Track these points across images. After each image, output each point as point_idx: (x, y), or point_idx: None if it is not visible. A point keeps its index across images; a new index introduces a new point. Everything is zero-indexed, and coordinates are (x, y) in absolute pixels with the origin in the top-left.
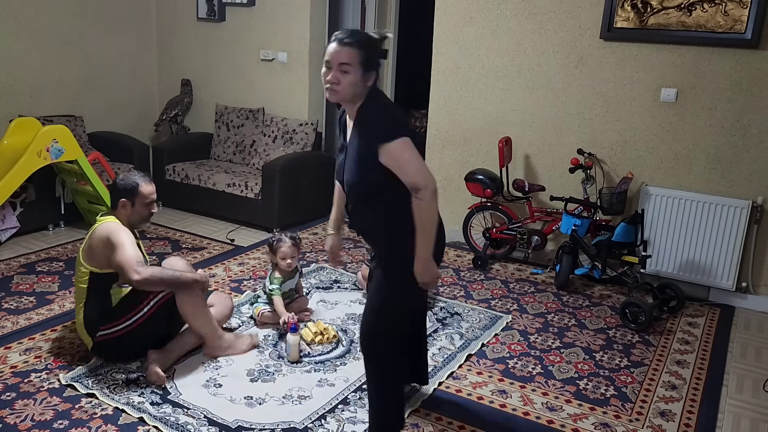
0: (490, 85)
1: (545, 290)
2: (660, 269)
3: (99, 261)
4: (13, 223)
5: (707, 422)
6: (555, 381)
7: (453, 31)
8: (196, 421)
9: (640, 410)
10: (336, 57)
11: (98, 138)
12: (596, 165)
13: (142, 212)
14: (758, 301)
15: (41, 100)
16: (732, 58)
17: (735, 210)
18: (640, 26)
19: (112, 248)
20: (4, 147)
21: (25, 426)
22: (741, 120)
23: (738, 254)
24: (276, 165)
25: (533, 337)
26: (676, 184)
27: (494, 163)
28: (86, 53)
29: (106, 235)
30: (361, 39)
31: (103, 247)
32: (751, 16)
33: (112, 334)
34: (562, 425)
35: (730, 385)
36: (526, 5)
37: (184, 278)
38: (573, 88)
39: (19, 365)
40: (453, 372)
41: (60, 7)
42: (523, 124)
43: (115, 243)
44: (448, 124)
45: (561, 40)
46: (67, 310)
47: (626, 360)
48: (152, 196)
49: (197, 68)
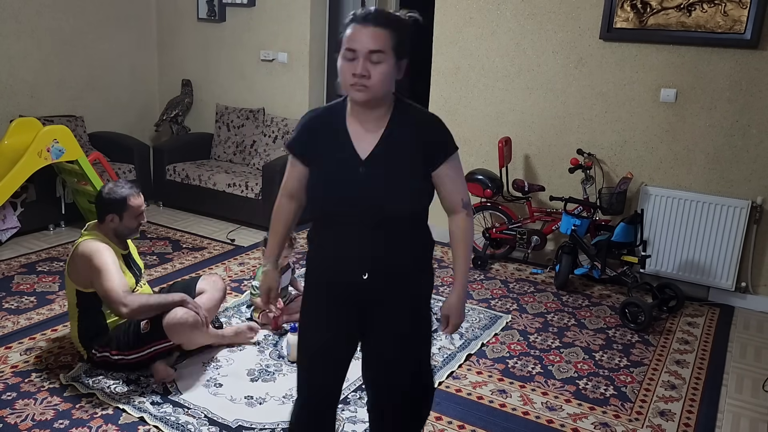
0: (490, 85)
1: (545, 290)
2: (659, 269)
3: (82, 281)
4: (14, 223)
5: (707, 422)
6: (555, 381)
7: (453, 32)
8: (196, 420)
9: (640, 410)
10: (364, 42)
11: (99, 138)
12: (596, 165)
13: (130, 225)
14: (757, 301)
15: (42, 100)
16: (731, 58)
17: (734, 210)
18: (640, 26)
19: (96, 273)
20: (4, 147)
21: (25, 426)
22: (740, 120)
23: (737, 254)
24: (276, 165)
25: (533, 336)
26: (676, 184)
27: (494, 163)
28: (87, 53)
29: (88, 255)
30: (391, 18)
31: (85, 268)
32: (751, 16)
33: (108, 359)
34: (561, 425)
35: (729, 384)
36: (526, 6)
37: (171, 300)
38: (573, 88)
39: (19, 365)
40: (453, 372)
41: (60, 7)
42: (522, 125)
43: (99, 267)
44: (448, 124)
45: (561, 40)
46: (68, 310)
47: (626, 360)
48: (141, 208)
49: (198, 68)
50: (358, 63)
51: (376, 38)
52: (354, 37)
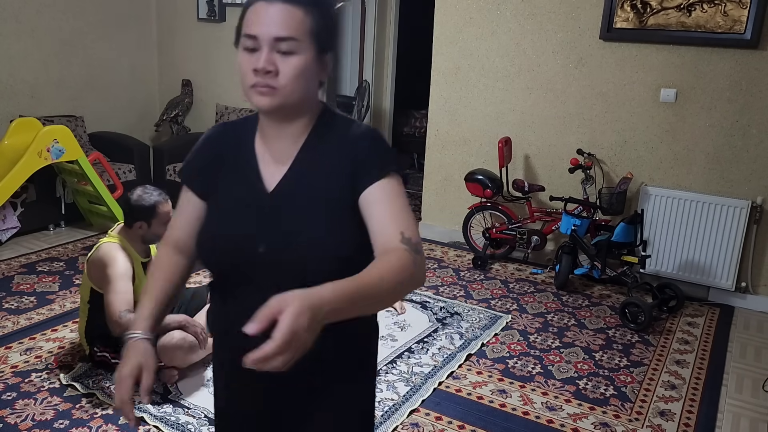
0: (490, 85)
1: (545, 290)
2: (659, 269)
3: (96, 282)
4: (14, 223)
5: (707, 422)
6: (555, 381)
7: (453, 32)
8: (196, 420)
9: (640, 410)
10: (269, 24)
11: (99, 138)
12: (596, 165)
13: (158, 232)
14: (757, 301)
15: (42, 100)
16: (731, 58)
17: (734, 210)
18: (640, 27)
19: (106, 282)
20: (4, 147)
21: (25, 426)
22: (740, 120)
23: (737, 254)
24: None
25: (533, 336)
26: (676, 184)
27: (494, 163)
28: (87, 53)
29: (104, 262)
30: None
31: (98, 272)
32: (751, 16)
33: (107, 359)
34: (561, 425)
35: (729, 384)
36: (526, 6)
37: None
38: (573, 88)
39: (19, 365)
40: (453, 372)
41: (60, 7)
42: (522, 125)
43: (109, 278)
44: (448, 124)
45: (561, 40)
46: (68, 310)
47: (626, 360)
48: (170, 215)
49: (197, 68)
50: (261, 54)
51: (287, 19)
52: (255, 19)
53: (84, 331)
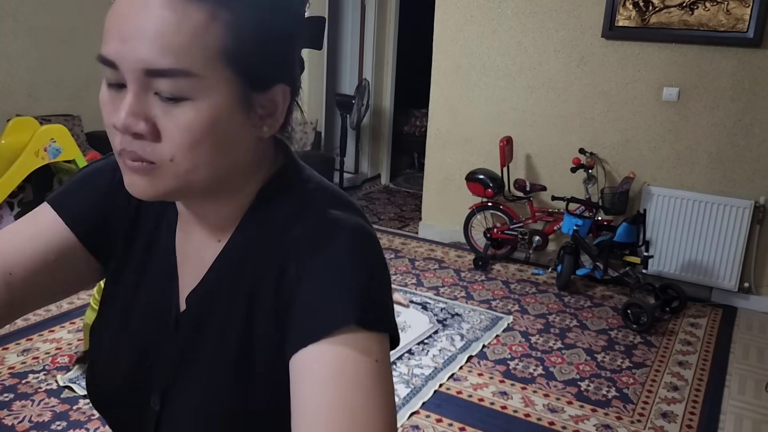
0: (491, 84)
1: (546, 291)
2: (662, 270)
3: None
4: (11, 222)
5: (709, 423)
6: (556, 382)
7: (453, 30)
8: None
9: (642, 411)
10: (133, 44)
11: (96, 137)
12: (598, 165)
13: None
14: (760, 302)
15: (39, 99)
16: (734, 57)
17: (737, 210)
18: (642, 25)
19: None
20: (1, 147)
21: (23, 427)
22: (743, 119)
23: (740, 254)
24: None
25: (534, 338)
26: (678, 184)
27: (495, 162)
28: (85, 52)
29: None
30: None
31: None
32: (753, 14)
33: None
34: (563, 427)
35: (732, 386)
36: (527, 4)
37: None
38: (574, 87)
39: (16, 366)
40: (453, 373)
41: (58, 6)
42: (524, 124)
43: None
44: (449, 123)
45: (562, 38)
46: (65, 311)
47: (628, 361)
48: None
49: None
50: (126, 99)
51: (169, 31)
52: (114, 26)
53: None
